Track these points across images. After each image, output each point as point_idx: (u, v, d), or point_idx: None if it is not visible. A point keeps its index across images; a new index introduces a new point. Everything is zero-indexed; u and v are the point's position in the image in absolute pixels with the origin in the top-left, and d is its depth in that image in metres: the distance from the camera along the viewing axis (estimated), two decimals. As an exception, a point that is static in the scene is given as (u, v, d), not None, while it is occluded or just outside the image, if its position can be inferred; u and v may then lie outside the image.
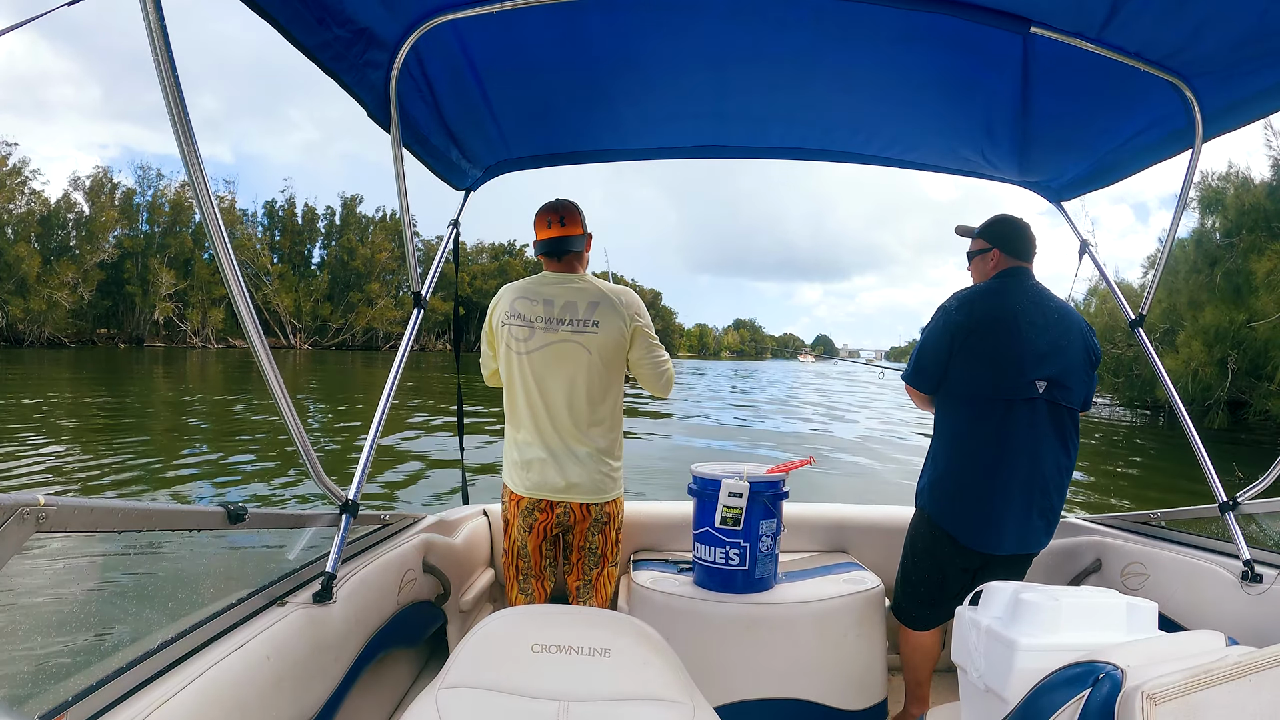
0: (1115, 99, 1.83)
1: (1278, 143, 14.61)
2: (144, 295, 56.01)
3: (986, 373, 1.88)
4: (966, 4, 1.50)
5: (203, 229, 12.52)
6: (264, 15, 1.27)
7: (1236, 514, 1.84)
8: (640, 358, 2.05)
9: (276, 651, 1.20)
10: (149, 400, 16.24)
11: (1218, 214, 15.76)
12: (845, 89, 1.94)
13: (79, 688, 0.92)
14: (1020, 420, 1.85)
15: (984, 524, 1.89)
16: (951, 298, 2.01)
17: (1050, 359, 1.87)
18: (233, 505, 1.19)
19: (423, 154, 2.09)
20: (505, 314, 2.02)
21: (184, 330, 58.48)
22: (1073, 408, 1.92)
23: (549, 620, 1.14)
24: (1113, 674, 0.91)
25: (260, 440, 10.54)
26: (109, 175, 57.94)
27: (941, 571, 1.98)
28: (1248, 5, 1.38)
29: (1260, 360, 13.68)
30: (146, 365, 31.63)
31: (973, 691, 1.42)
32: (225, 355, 48.05)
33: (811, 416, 19.67)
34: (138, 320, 56.75)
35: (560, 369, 1.97)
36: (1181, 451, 13.37)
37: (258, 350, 1.21)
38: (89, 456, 8.66)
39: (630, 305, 2.03)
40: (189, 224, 61.02)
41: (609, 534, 2.11)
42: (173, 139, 1.01)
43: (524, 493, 2.03)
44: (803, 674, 2.00)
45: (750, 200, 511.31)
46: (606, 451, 2.04)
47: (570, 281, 2.03)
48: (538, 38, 1.71)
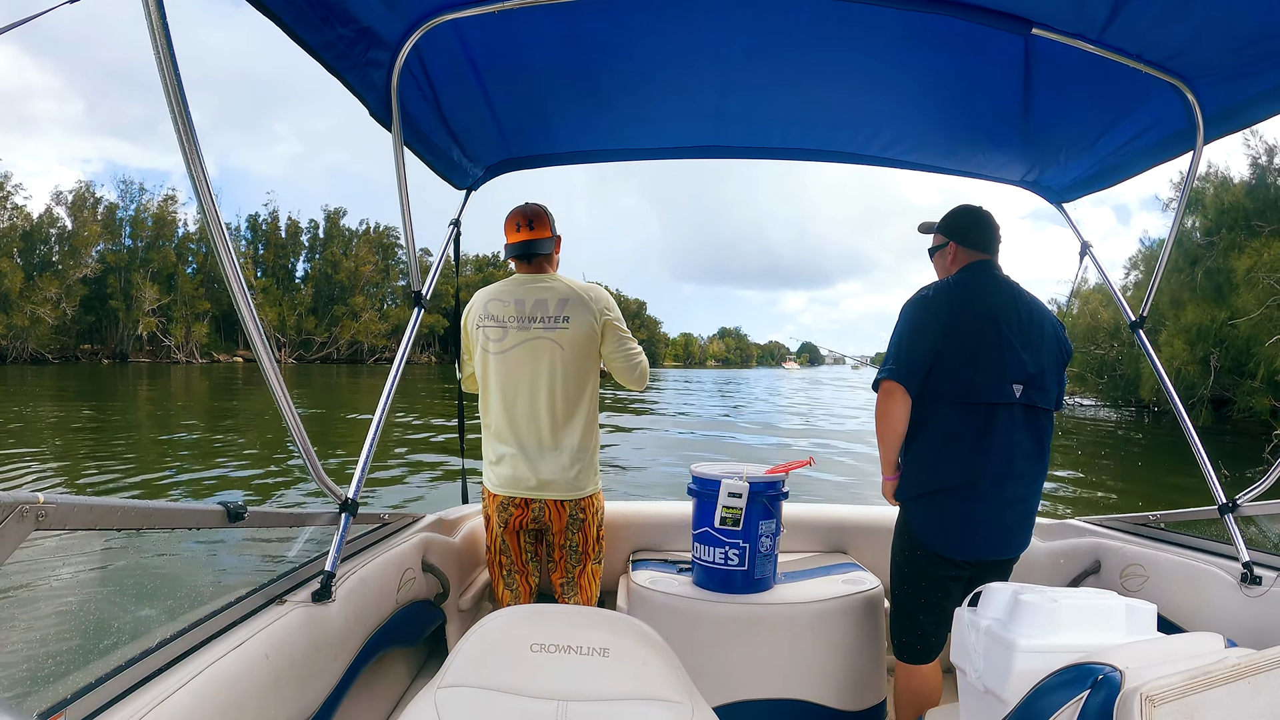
0: (1116, 100, 1.83)
1: (1256, 142, 14.85)
2: (127, 310, 55.84)
3: (968, 374, 1.75)
4: (967, 5, 1.50)
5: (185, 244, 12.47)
6: (268, 14, 1.28)
7: (1236, 516, 1.84)
8: (612, 351, 2.09)
9: (275, 650, 1.20)
10: (134, 417, 16.00)
11: (1198, 213, 16.05)
12: (846, 89, 1.94)
13: (77, 686, 0.92)
14: (999, 427, 1.75)
15: (968, 532, 1.79)
16: (927, 287, 1.85)
17: (1028, 361, 1.77)
18: (232, 504, 1.19)
19: (424, 153, 2.09)
20: (479, 317, 2.09)
21: (168, 345, 58.16)
22: (1048, 409, 1.83)
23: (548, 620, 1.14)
24: (1111, 675, 0.91)
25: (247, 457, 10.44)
26: (91, 190, 58.09)
27: (938, 590, 1.83)
28: (1249, 8, 1.38)
29: (1243, 357, 13.81)
30: (131, 381, 31.40)
31: (971, 692, 1.42)
32: (210, 370, 47.72)
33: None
34: (121, 335, 56.53)
35: (533, 366, 2.03)
36: (1166, 451, 13.49)
37: (259, 350, 1.23)
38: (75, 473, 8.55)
39: (599, 300, 2.08)
40: (172, 238, 60.98)
41: (589, 531, 2.12)
42: (153, 152, 1.03)
43: (498, 490, 2.07)
44: (802, 674, 2.00)
45: (733, 208, 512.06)
46: (581, 448, 2.07)
47: (540, 281, 2.09)
48: (539, 37, 1.71)
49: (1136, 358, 16.61)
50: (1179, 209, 2.15)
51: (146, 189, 66.12)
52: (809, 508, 2.59)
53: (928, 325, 1.77)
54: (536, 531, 2.16)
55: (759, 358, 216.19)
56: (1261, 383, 12.87)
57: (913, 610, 1.86)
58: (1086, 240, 2.30)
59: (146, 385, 28.54)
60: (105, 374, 36.78)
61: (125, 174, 76.85)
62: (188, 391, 24.17)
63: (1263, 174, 14.95)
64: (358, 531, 1.70)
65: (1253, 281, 13.30)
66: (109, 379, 32.37)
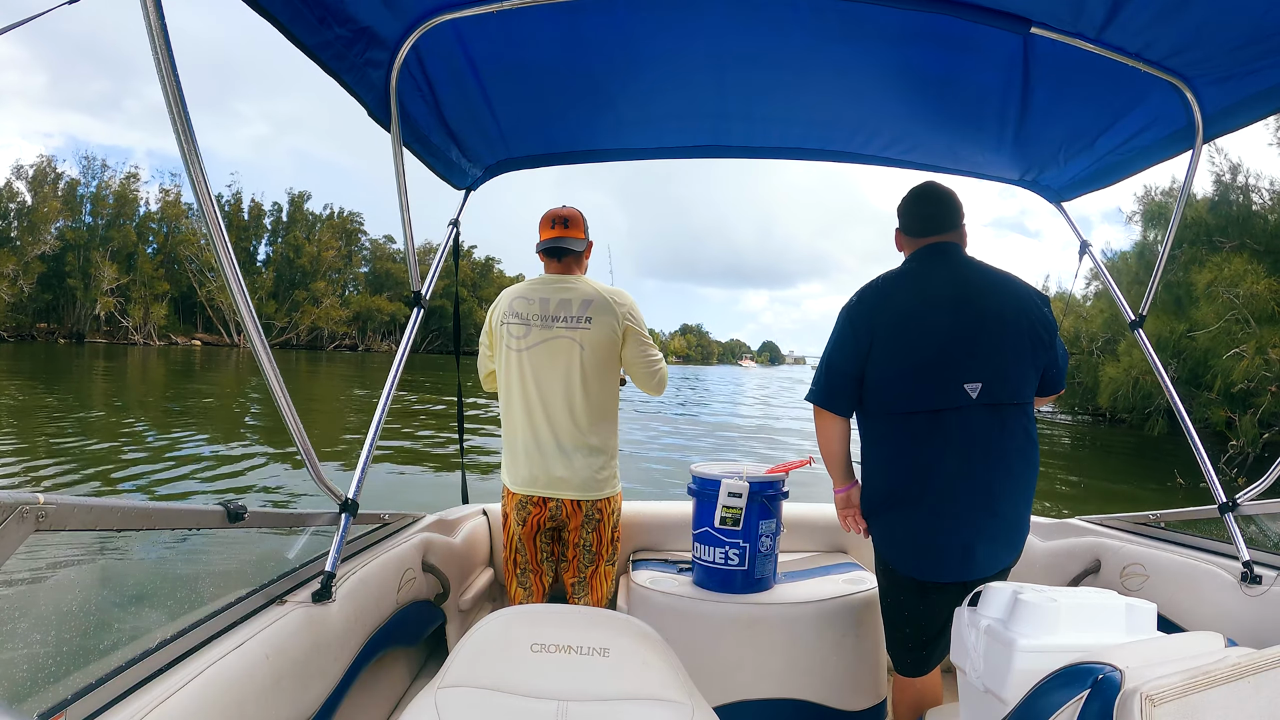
0: (1115, 99, 1.83)
1: (1220, 159, 15.10)
2: (85, 289, 54.18)
3: (903, 383, 1.61)
4: (967, 4, 1.50)
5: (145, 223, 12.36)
6: (265, 15, 1.27)
7: (1236, 515, 1.84)
8: (634, 357, 2.11)
9: (275, 650, 1.20)
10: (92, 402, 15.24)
11: (1159, 226, 16.32)
12: (846, 89, 1.94)
13: (77, 686, 0.92)
14: (951, 433, 1.59)
15: (930, 552, 1.64)
16: (864, 287, 1.73)
17: (982, 355, 1.59)
18: (232, 504, 1.19)
19: (423, 153, 2.09)
20: (504, 314, 2.11)
21: (125, 326, 56.71)
22: (1020, 403, 1.63)
23: (548, 620, 1.14)
24: (1111, 675, 0.91)
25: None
26: (53, 165, 56.25)
27: (914, 609, 1.72)
28: (1248, 7, 1.38)
29: (1200, 369, 13.96)
30: (87, 361, 30.55)
31: (971, 692, 1.42)
32: (167, 353, 46.70)
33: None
34: (79, 315, 54.95)
35: (554, 364, 2.04)
36: (1114, 457, 13.63)
37: (258, 349, 1.24)
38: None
39: (623, 305, 2.10)
40: (133, 217, 59.37)
41: (603, 532, 2.12)
42: (117, 128, 1.02)
43: (517, 488, 2.09)
44: (802, 674, 2.00)
45: (699, 206, 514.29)
46: (599, 449, 2.07)
47: (566, 282, 2.11)
48: (538, 37, 1.71)
49: (1094, 366, 16.68)
50: (1179, 208, 2.15)
51: (109, 166, 64.15)
52: (809, 508, 2.59)
53: (848, 337, 1.67)
54: (554, 530, 2.16)
55: (720, 355, 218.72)
56: (1218, 394, 13.02)
57: (899, 624, 1.77)
58: (1086, 240, 2.30)
59: (104, 366, 27.68)
60: (61, 354, 35.68)
61: (88, 150, 74.61)
62: (144, 379, 22.64)
63: (1226, 191, 15.24)
64: (358, 532, 1.70)
65: (1212, 295, 13.47)
66: (65, 359, 31.45)
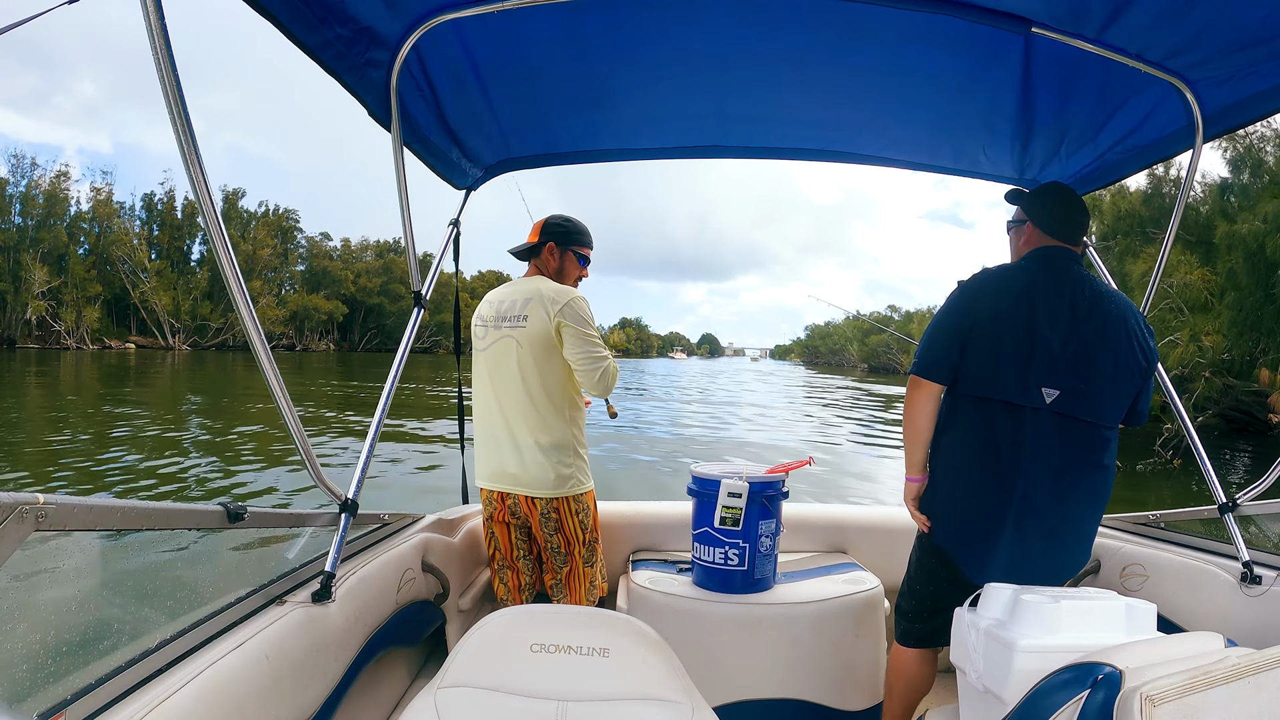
0: (1116, 99, 1.84)
1: None
2: (16, 293, 52.74)
3: (987, 369, 1.63)
4: (967, 4, 1.50)
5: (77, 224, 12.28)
6: (265, 14, 1.27)
7: (1235, 515, 1.84)
8: (571, 354, 2.07)
9: (275, 650, 1.20)
10: None
11: (1095, 218, 16.74)
12: (846, 89, 1.94)
13: (77, 686, 0.92)
14: (1024, 430, 1.60)
15: (978, 547, 1.66)
16: (980, 272, 1.74)
17: (1069, 365, 1.59)
18: (232, 504, 1.19)
19: (423, 153, 2.10)
20: (475, 318, 2.22)
21: (58, 330, 55.11)
22: (1094, 422, 1.62)
23: (548, 620, 1.14)
24: (1111, 675, 0.91)
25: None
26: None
27: (938, 592, 1.75)
28: (1248, 8, 1.38)
29: None
30: (19, 368, 29.44)
31: (971, 692, 1.42)
32: (101, 357, 45.01)
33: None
34: (9, 320, 53.35)
35: (504, 364, 2.10)
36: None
37: (258, 350, 1.23)
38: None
39: (557, 301, 2.05)
40: (64, 217, 57.89)
41: (569, 532, 2.12)
42: (46, 125, 0.98)
43: (480, 483, 2.18)
44: (802, 674, 2.00)
45: (631, 199, 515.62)
46: (555, 446, 2.07)
47: (521, 283, 2.17)
48: (539, 37, 1.71)
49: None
50: (1178, 208, 2.15)
51: (39, 164, 61.64)
52: (809, 508, 2.59)
53: (953, 314, 1.68)
54: (525, 529, 2.19)
55: (659, 348, 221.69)
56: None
57: (922, 592, 1.79)
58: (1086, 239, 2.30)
59: (36, 372, 26.50)
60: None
61: (16, 148, 71.91)
62: (78, 384, 21.65)
63: (1159, 184, 15.72)
64: (358, 532, 1.70)
65: (1146, 285, 13.74)
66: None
